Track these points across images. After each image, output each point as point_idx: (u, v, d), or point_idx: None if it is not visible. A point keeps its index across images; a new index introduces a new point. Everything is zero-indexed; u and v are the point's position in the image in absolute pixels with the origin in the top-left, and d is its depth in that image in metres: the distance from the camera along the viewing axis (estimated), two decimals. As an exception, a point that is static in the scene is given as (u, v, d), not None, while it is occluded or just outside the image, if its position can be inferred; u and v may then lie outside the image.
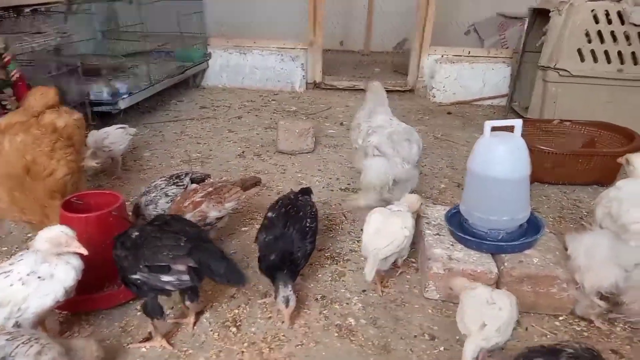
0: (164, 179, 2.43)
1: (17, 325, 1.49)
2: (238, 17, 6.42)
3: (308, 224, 2.00)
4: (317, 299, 2.03)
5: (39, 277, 1.49)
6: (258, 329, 1.86)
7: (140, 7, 4.25)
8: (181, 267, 1.62)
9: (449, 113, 4.95)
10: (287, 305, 1.78)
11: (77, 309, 1.87)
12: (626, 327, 1.88)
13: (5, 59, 2.61)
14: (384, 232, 1.93)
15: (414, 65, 5.51)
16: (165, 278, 1.63)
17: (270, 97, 5.28)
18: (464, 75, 5.22)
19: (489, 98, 5.22)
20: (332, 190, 3.09)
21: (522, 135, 3.35)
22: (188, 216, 2.07)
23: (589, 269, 1.76)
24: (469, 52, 5.37)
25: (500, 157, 1.94)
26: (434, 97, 5.32)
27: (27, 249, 1.63)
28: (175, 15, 4.86)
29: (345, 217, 2.73)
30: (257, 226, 2.57)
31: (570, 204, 2.96)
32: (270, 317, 1.92)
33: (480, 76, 5.21)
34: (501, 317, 1.53)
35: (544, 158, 3.05)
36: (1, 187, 1.88)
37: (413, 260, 2.31)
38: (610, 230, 1.75)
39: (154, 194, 2.34)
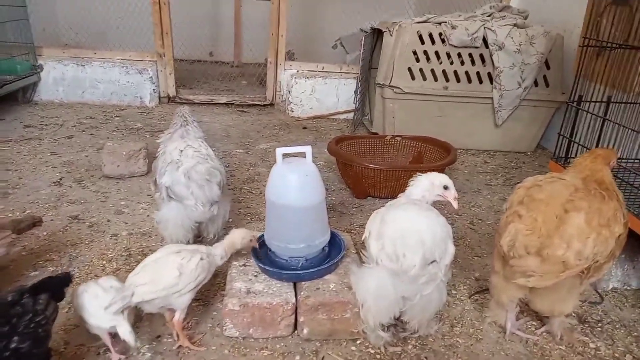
0: None
1: None
2: (80, 25, 5.87)
3: (13, 346, 1.35)
4: (99, 354, 1.80)
5: None
6: (12, 401, 1.58)
7: None
8: None
9: (304, 128, 4.99)
10: None
11: None
12: (416, 344, 1.95)
13: None
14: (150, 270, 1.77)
15: (271, 80, 5.49)
16: None
17: (114, 113, 4.86)
18: (318, 90, 5.31)
19: (344, 112, 5.37)
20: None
21: (366, 149, 3.45)
22: None
23: (371, 307, 1.76)
24: (323, 67, 5.49)
25: (291, 185, 1.90)
26: (292, 111, 5.33)
27: None
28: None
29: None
30: (52, 269, 2.29)
31: (395, 218, 3.08)
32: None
33: (334, 91, 5.34)
34: None
35: (372, 174, 3.15)
36: None
37: (224, 292, 2.18)
38: (388, 268, 1.68)
39: None
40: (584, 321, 2.15)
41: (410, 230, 1.66)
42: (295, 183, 1.91)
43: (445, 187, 1.89)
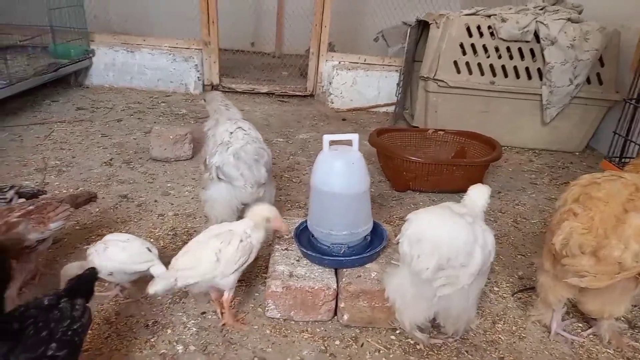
0: (-17, 192, 2.14)
1: None
2: (131, 13, 6.05)
3: (50, 353, 1.27)
4: (147, 326, 1.87)
5: None
6: (68, 364, 1.67)
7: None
8: None
9: (343, 119, 4.98)
10: None
11: None
12: (458, 338, 1.93)
13: None
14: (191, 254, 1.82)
15: (312, 71, 5.50)
16: None
17: (160, 99, 5.00)
18: (359, 82, 5.28)
19: (384, 105, 5.33)
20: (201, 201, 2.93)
21: (407, 142, 3.41)
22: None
23: (403, 308, 1.74)
24: (365, 59, 5.45)
25: (337, 172, 1.91)
26: (332, 103, 5.33)
27: None
28: (51, 6, 4.46)
29: (205, 231, 2.59)
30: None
31: (435, 212, 3.05)
32: (87, 350, 1.73)
33: (375, 83, 5.30)
34: None
35: (413, 167, 3.12)
36: None
37: (266, 275, 2.23)
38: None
39: (-31, 209, 2.05)
40: (634, 326, 2.07)
41: (428, 233, 1.60)
42: (341, 170, 1.92)
43: None
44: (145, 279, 2.07)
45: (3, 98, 3.81)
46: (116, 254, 1.89)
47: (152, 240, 2.46)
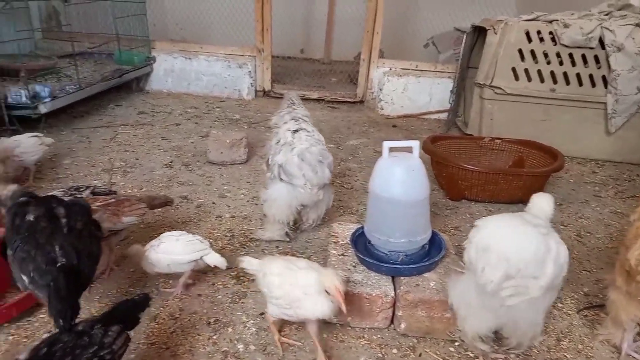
0: (61, 190, 2.29)
1: None
2: (188, 22, 6.29)
3: None
4: (209, 323, 1.94)
5: None
6: (137, 356, 1.75)
7: (73, 6, 4.07)
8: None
9: (394, 126, 4.95)
10: None
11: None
12: (520, 353, 1.86)
13: None
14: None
15: (362, 77, 5.51)
16: (24, 277, 1.53)
17: (215, 104, 5.17)
18: (411, 89, 5.24)
19: (435, 112, 5.25)
20: (256, 205, 2.99)
21: (461, 150, 3.36)
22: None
23: (466, 317, 1.70)
24: (417, 65, 5.40)
25: (397, 179, 1.91)
26: (382, 109, 5.32)
27: None
28: (117, 15, 4.73)
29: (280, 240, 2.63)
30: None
31: (492, 223, 2.96)
32: (154, 343, 1.81)
33: (427, 90, 5.24)
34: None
35: (469, 176, 3.06)
36: None
37: (321, 280, 2.25)
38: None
39: (48, 207, 2.20)
40: None
41: (495, 242, 1.55)
42: (401, 177, 1.91)
43: None
44: (205, 278, 2.16)
45: (73, 102, 4.06)
46: (170, 247, 2.00)
47: (211, 240, 2.53)
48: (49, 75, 3.98)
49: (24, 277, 1.53)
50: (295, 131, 2.36)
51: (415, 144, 1.94)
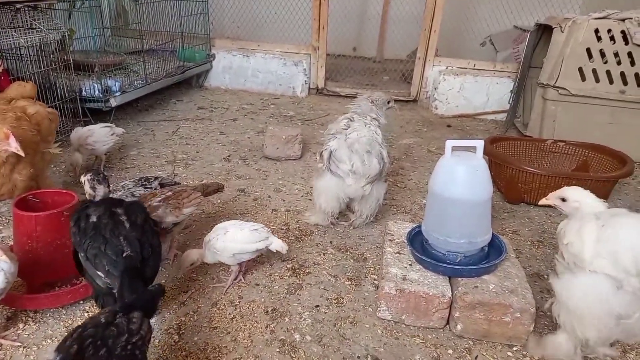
0: (132, 180, 2.43)
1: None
2: (244, 20, 6.43)
3: None
4: (267, 312, 2.00)
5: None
6: (200, 338, 1.84)
7: (143, 5, 4.30)
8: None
9: (448, 126, 4.86)
10: None
11: (23, 306, 1.89)
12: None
13: (-9, 54, 2.67)
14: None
15: (417, 75, 5.45)
16: (102, 277, 1.63)
17: (270, 101, 5.28)
18: (467, 88, 5.12)
19: (492, 112, 5.11)
20: (309, 200, 3.04)
21: (520, 152, 3.27)
22: (142, 220, 2.06)
23: (587, 319, 1.60)
24: (475, 64, 5.27)
25: (459, 178, 1.89)
26: (436, 108, 5.23)
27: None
28: (181, 14, 4.94)
29: (317, 228, 2.69)
30: (226, 232, 2.58)
31: (552, 228, 2.85)
32: (215, 328, 1.90)
33: (484, 90, 5.10)
34: None
35: (530, 179, 2.96)
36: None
37: (375, 276, 2.27)
38: (606, 277, 1.54)
39: (120, 193, 2.34)
40: None
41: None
42: (464, 177, 1.89)
43: None
44: (262, 268, 2.23)
45: (138, 96, 4.29)
46: (237, 235, 2.06)
47: (267, 232, 2.62)
48: (118, 70, 4.21)
49: (100, 274, 1.62)
50: (350, 122, 2.43)
51: (479, 144, 1.91)
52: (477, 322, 1.86)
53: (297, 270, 2.29)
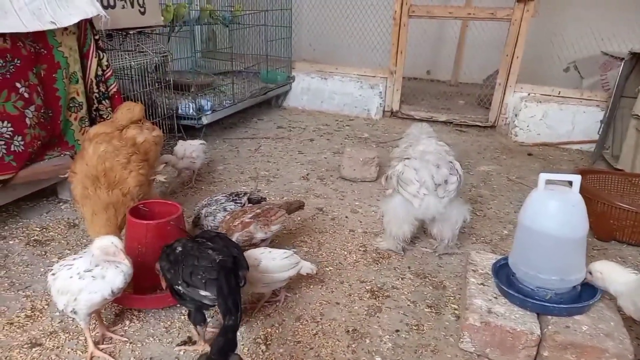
0: (224, 195, 2.61)
1: (74, 312, 1.71)
2: (324, 43, 6.67)
3: None
4: (348, 331, 2.05)
5: (92, 276, 1.70)
6: (285, 350, 1.92)
7: (233, 31, 4.61)
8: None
9: (529, 154, 4.70)
10: None
11: (131, 305, 2.08)
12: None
13: (107, 74, 2.99)
14: None
15: (497, 101, 5.33)
16: (203, 293, 1.74)
17: (345, 122, 5.40)
18: (551, 116, 4.92)
19: (578, 142, 4.87)
20: (386, 223, 3.08)
21: (610, 186, 3.13)
22: (236, 235, 2.20)
23: None
24: (559, 92, 5.06)
25: (552, 213, 1.84)
26: (516, 136, 5.07)
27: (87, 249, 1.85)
28: (265, 39, 5.24)
29: (394, 252, 2.72)
30: (306, 249, 2.68)
31: (648, 270, 2.67)
32: (299, 342, 1.97)
33: (569, 118, 4.88)
34: None
35: (623, 216, 2.80)
36: (79, 184, 2.17)
37: (455, 306, 2.24)
38: None
39: (214, 207, 2.53)
40: None
41: None
42: (559, 212, 1.84)
43: None
44: (342, 288, 2.27)
45: (224, 116, 4.58)
46: (269, 265, 2.02)
47: (345, 252, 2.68)
48: (208, 90, 4.53)
49: (201, 291, 1.69)
50: (413, 145, 2.54)
51: (576, 179, 1.86)
52: (568, 364, 1.79)
53: (376, 293, 2.32)
